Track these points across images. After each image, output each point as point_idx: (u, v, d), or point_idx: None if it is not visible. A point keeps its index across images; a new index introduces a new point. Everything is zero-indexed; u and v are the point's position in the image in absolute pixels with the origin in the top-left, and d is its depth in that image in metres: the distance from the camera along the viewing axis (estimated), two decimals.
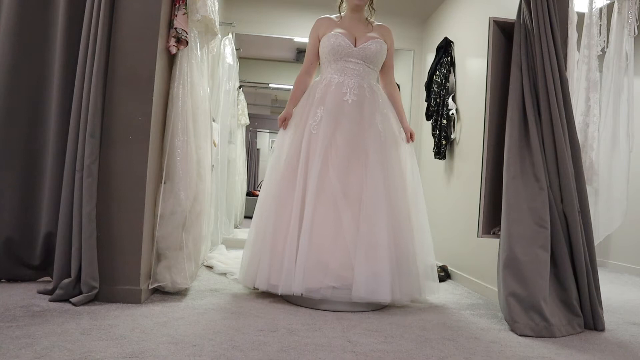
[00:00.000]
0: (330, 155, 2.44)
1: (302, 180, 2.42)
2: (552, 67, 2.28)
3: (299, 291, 2.27)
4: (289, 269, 2.30)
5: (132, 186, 2.18)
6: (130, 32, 2.22)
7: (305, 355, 1.64)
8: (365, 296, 2.25)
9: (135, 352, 1.55)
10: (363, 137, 2.49)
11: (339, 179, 2.40)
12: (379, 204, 2.38)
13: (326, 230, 2.34)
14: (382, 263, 2.30)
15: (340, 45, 2.54)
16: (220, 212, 3.85)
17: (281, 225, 2.40)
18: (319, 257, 2.30)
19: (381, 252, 2.32)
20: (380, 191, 2.40)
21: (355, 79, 2.55)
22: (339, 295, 2.27)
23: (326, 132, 2.45)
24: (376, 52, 2.58)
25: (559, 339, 2.05)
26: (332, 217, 2.36)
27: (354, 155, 2.46)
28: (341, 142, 2.46)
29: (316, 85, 2.62)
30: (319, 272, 2.28)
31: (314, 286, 2.26)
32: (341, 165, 2.42)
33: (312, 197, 2.36)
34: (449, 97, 3.60)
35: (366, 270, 2.28)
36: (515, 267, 2.16)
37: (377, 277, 2.28)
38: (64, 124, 2.25)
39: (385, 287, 2.28)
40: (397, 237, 2.41)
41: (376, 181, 2.41)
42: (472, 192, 3.09)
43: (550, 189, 2.25)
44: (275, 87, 5.06)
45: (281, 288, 2.29)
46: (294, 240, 2.33)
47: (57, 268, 2.14)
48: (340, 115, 2.49)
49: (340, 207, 2.36)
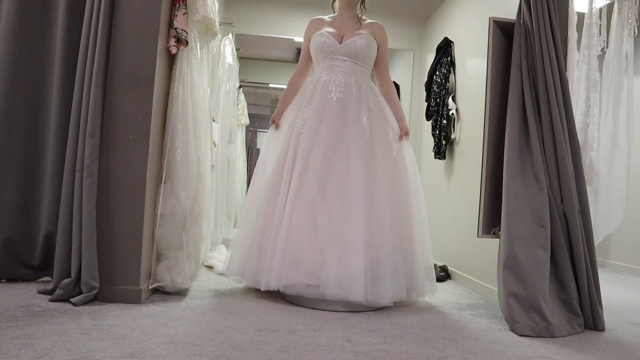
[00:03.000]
0: (312, 153, 2.45)
1: (287, 178, 2.45)
2: (552, 67, 2.28)
3: (276, 287, 2.30)
4: (269, 265, 2.35)
5: (132, 186, 2.19)
6: (130, 32, 2.22)
7: (305, 355, 1.64)
8: (336, 294, 2.24)
9: (135, 352, 1.55)
10: (346, 134, 2.48)
11: (317, 177, 2.41)
12: (357, 202, 2.36)
13: (302, 228, 2.37)
14: (356, 262, 2.28)
15: (325, 43, 2.56)
16: (220, 212, 3.84)
17: (267, 224, 2.45)
18: (295, 255, 2.33)
19: (356, 251, 2.30)
20: (360, 190, 2.38)
21: (342, 76, 2.55)
22: (312, 292, 2.27)
23: (310, 131, 2.48)
24: (362, 48, 2.56)
25: (559, 339, 2.05)
26: (309, 215, 2.38)
27: (335, 153, 2.46)
28: (323, 139, 2.46)
29: (307, 85, 2.64)
30: (294, 268, 2.31)
31: (289, 282, 2.30)
32: (321, 163, 2.43)
33: (292, 195, 2.40)
34: (449, 97, 3.60)
35: (338, 268, 2.27)
36: (515, 267, 2.16)
37: (350, 276, 2.26)
38: (64, 124, 2.25)
39: (358, 286, 2.24)
40: (378, 237, 2.38)
41: (356, 179, 2.40)
42: (472, 192, 3.09)
43: (550, 189, 2.25)
44: (275, 87, 5.05)
45: (263, 284, 2.35)
46: (275, 237, 2.38)
47: (57, 268, 2.14)
48: (324, 113, 2.51)
49: (316, 205, 2.38)
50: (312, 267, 2.31)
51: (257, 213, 2.52)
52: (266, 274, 2.35)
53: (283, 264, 2.32)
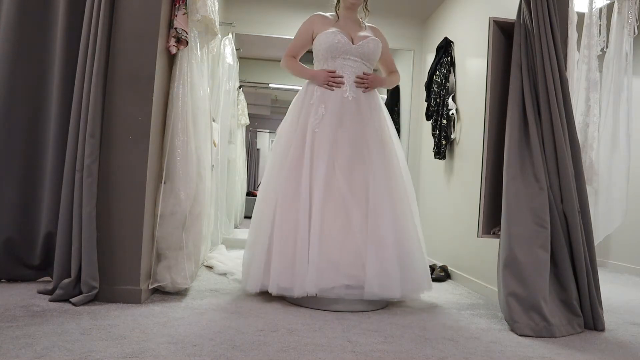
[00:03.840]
0: (336, 154, 2.45)
1: (307, 180, 2.40)
2: (552, 67, 2.28)
3: (313, 292, 2.26)
4: (301, 271, 2.28)
5: (132, 186, 2.18)
6: (130, 32, 2.22)
7: (305, 355, 1.64)
8: (378, 293, 2.27)
9: (135, 352, 1.55)
10: (364, 134, 2.51)
11: (345, 177, 2.41)
12: (383, 201, 2.40)
13: (336, 229, 2.34)
14: (391, 260, 2.32)
15: (340, 43, 2.55)
16: (220, 212, 3.84)
17: (288, 228, 2.37)
18: (330, 257, 2.30)
19: (389, 249, 2.34)
20: (383, 189, 2.42)
21: (353, 76, 2.57)
22: (352, 294, 2.27)
23: (330, 131, 2.46)
24: (374, 50, 2.62)
25: (559, 339, 2.05)
26: (341, 217, 2.36)
27: (357, 153, 2.47)
28: (345, 140, 2.47)
29: (313, 84, 2.60)
30: (331, 271, 2.28)
31: (327, 286, 2.26)
32: (346, 164, 2.44)
33: (319, 196, 2.36)
34: (449, 97, 3.60)
35: (377, 267, 2.29)
36: (515, 267, 2.16)
37: (387, 273, 2.30)
38: (64, 124, 2.25)
39: (395, 283, 2.30)
40: (401, 234, 2.43)
41: (379, 178, 2.43)
42: (472, 192, 3.09)
43: (550, 189, 2.25)
44: (275, 87, 5.05)
45: (296, 290, 2.26)
46: (304, 242, 2.32)
47: (57, 268, 2.14)
48: (342, 113, 2.51)
49: (348, 206, 2.37)
50: (351, 268, 2.30)
51: (272, 220, 2.42)
52: (300, 280, 2.27)
53: (319, 268, 2.27)
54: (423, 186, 4.23)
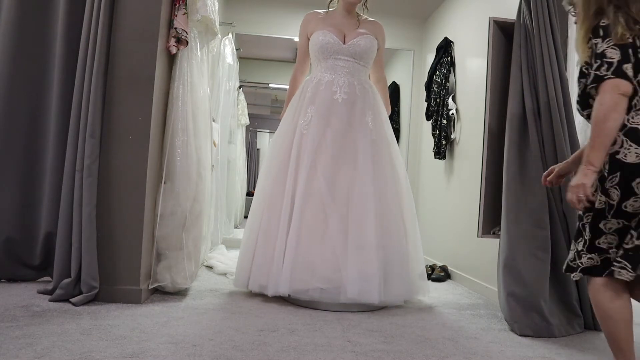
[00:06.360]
0: (319, 156, 2.42)
1: (292, 182, 2.41)
2: (552, 67, 2.28)
3: (285, 292, 2.27)
4: (277, 270, 2.30)
5: (132, 186, 2.19)
6: (130, 33, 2.22)
7: (305, 355, 1.64)
8: (354, 297, 2.23)
9: (135, 352, 1.55)
10: (353, 136, 2.47)
11: (326, 180, 2.38)
12: (367, 205, 2.37)
13: (314, 232, 2.34)
14: (371, 264, 2.29)
15: (329, 43, 2.51)
16: (220, 212, 3.84)
17: (271, 227, 2.41)
18: (307, 259, 2.30)
19: (370, 254, 2.30)
20: (369, 192, 2.39)
21: (346, 77, 2.53)
22: (327, 297, 2.26)
23: (316, 132, 2.45)
24: (366, 48, 2.55)
25: (559, 339, 2.05)
26: (320, 219, 2.35)
27: (343, 156, 2.44)
28: (330, 142, 2.44)
29: (307, 85, 2.59)
30: (306, 273, 2.28)
31: (301, 287, 2.26)
32: (330, 166, 2.41)
33: (300, 199, 2.36)
34: (449, 97, 3.60)
35: (355, 271, 2.27)
36: (515, 267, 2.16)
37: (367, 278, 2.27)
38: (64, 124, 2.25)
39: (374, 289, 2.26)
40: (387, 238, 2.39)
41: (365, 182, 2.40)
42: (472, 192, 3.09)
43: (550, 189, 2.25)
44: (275, 87, 5.06)
45: (270, 289, 2.30)
46: (282, 242, 2.34)
47: (57, 268, 2.14)
48: (330, 114, 2.48)
49: (327, 209, 2.36)
50: (327, 271, 2.28)
51: (260, 218, 2.47)
52: (274, 280, 2.29)
53: (294, 269, 2.28)
54: (423, 186, 4.23)
